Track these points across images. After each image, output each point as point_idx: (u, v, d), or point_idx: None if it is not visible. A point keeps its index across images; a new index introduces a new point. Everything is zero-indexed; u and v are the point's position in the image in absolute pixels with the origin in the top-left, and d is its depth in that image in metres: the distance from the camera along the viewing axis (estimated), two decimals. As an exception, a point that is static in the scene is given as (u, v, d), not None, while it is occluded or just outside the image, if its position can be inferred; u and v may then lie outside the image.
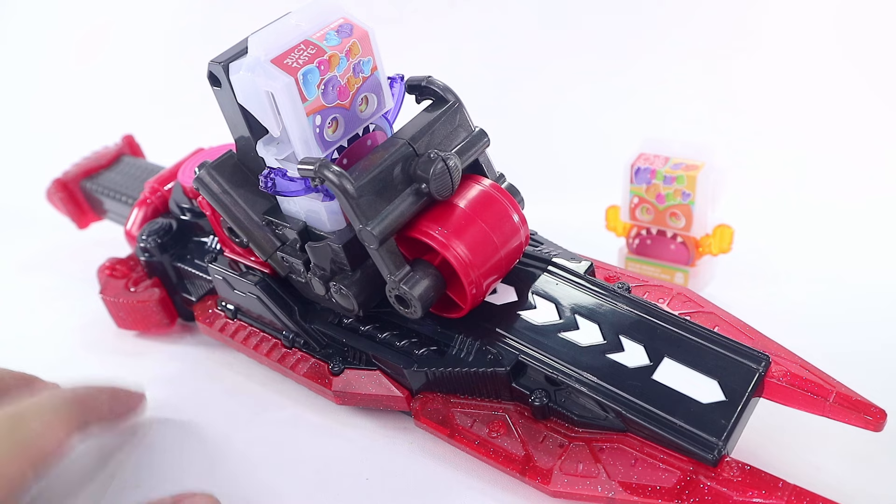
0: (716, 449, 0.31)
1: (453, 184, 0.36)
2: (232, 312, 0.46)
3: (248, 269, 0.43)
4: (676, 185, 0.46)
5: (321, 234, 0.38)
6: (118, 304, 0.49)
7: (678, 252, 0.48)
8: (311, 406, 0.43)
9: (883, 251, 0.51)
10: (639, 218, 0.49)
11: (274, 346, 0.44)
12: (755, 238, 0.50)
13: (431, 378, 0.38)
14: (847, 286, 0.48)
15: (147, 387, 0.42)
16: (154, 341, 0.51)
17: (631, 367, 0.35)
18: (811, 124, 0.64)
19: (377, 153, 0.36)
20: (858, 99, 0.65)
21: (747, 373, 0.34)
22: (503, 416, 0.36)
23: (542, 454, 0.35)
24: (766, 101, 0.68)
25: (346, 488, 0.38)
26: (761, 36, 0.71)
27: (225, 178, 0.38)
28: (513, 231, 0.37)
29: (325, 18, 0.35)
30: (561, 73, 0.74)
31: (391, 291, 0.36)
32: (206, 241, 0.49)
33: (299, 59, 0.33)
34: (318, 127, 0.35)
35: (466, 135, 0.38)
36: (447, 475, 0.38)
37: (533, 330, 0.37)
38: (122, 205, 0.56)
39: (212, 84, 0.35)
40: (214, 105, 0.37)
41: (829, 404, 0.33)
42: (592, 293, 0.38)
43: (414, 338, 0.39)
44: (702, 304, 0.39)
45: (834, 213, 0.55)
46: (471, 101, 0.40)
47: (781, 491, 0.30)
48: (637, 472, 0.32)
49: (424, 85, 0.39)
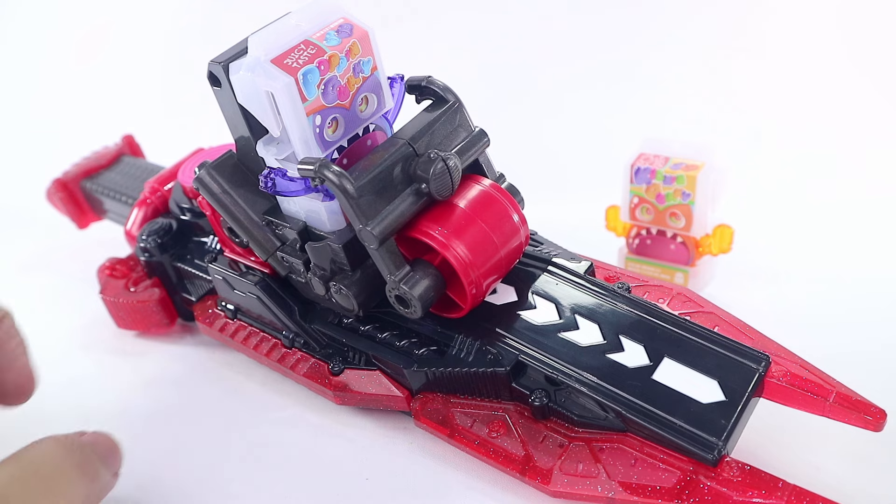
0: (716, 449, 0.31)
1: (453, 184, 0.36)
2: (232, 312, 0.46)
3: (248, 269, 0.43)
4: (676, 185, 0.46)
5: (321, 234, 0.38)
6: (118, 304, 0.49)
7: (678, 252, 0.48)
8: (311, 406, 0.43)
9: (883, 251, 0.51)
10: (639, 218, 0.49)
11: (274, 346, 0.44)
12: (755, 238, 0.50)
13: (431, 378, 0.38)
14: (847, 286, 0.48)
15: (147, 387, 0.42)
16: (154, 341, 0.51)
17: (631, 367, 0.35)
18: (811, 124, 0.64)
19: (377, 153, 0.36)
20: (859, 99, 0.65)
21: (747, 373, 0.34)
22: (503, 416, 0.36)
23: (542, 454, 0.35)
24: (766, 101, 0.68)
25: (346, 488, 0.38)
26: (762, 36, 0.71)
27: (225, 178, 0.38)
28: (513, 231, 0.37)
29: (325, 18, 0.35)
30: (561, 73, 0.74)
31: (391, 291, 0.36)
32: (206, 241, 0.49)
33: (299, 59, 0.33)
34: (318, 127, 0.35)
35: (466, 135, 0.38)
36: (447, 475, 0.38)
37: (533, 330, 0.37)
38: (122, 205, 0.56)
39: (212, 84, 0.35)
40: (214, 105, 0.37)
41: (829, 404, 0.33)
42: (592, 293, 0.38)
43: (414, 338, 0.39)
44: (702, 304, 0.39)
45: (834, 213, 0.55)
46: (471, 101, 0.40)
47: (781, 491, 0.30)
48: (637, 472, 0.32)
49: (424, 85, 0.39)
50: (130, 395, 0.46)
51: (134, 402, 0.45)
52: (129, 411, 0.45)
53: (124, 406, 0.45)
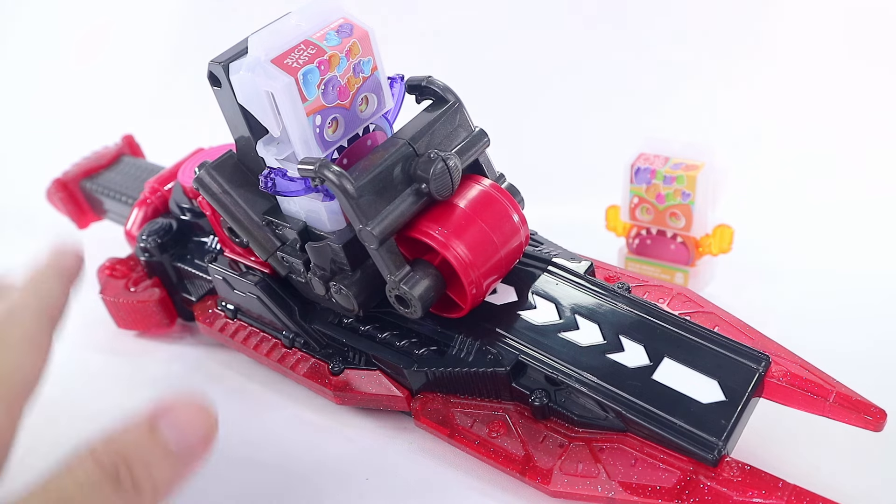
0: (716, 449, 0.31)
1: (453, 184, 0.36)
2: (232, 312, 0.46)
3: (248, 269, 0.43)
4: (676, 185, 0.46)
5: (321, 234, 0.38)
6: (118, 304, 0.49)
7: (678, 252, 0.48)
8: (311, 406, 0.43)
9: (883, 251, 0.51)
10: (639, 218, 0.49)
11: (274, 346, 0.44)
12: (755, 238, 0.50)
13: (431, 378, 0.38)
14: (847, 286, 0.48)
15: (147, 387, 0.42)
16: (154, 341, 0.51)
17: (631, 367, 0.35)
18: (811, 124, 0.64)
19: (377, 153, 0.36)
20: (859, 99, 0.65)
21: (747, 373, 0.34)
22: (503, 416, 0.36)
23: (542, 454, 0.35)
24: (766, 101, 0.67)
25: (346, 488, 0.38)
26: (762, 36, 0.71)
27: (225, 178, 0.38)
28: (513, 231, 0.37)
29: (326, 18, 0.35)
30: (561, 73, 0.74)
31: (391, 291, 0.36)
32: (206, 241, 0.49)
33: (299, 59, 0.33)
34: (318, 127, 0.35)
35: (466, 135, 0.38)
36: (447, 475, 0.38)
37: (533, 330, 0.37)
38: (122, 205, 0.56)
39: (212, 84, 0.35)
40: (214, 105, 0.37)
41: (829, 404, 0.33)
42: (592, 293, 0.38)
43: (414, 338, 0.39)
44: (702, 304, 0.39)
45: (834, 213, 0.55)
46: (471, 102, 0.40)
47: (781, 491, 0.30)
48: (637, 472, 0.32)
49: (424, 85, 0.39)
50: (130, 395, 0.46)
51: (134, 403, 0.45)
52: (129, 411, 0.44)
53: (124, 406, 0.45)
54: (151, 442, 0.26)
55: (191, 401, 0.27)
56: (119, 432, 0.27)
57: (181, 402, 0.27)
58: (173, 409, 0.27)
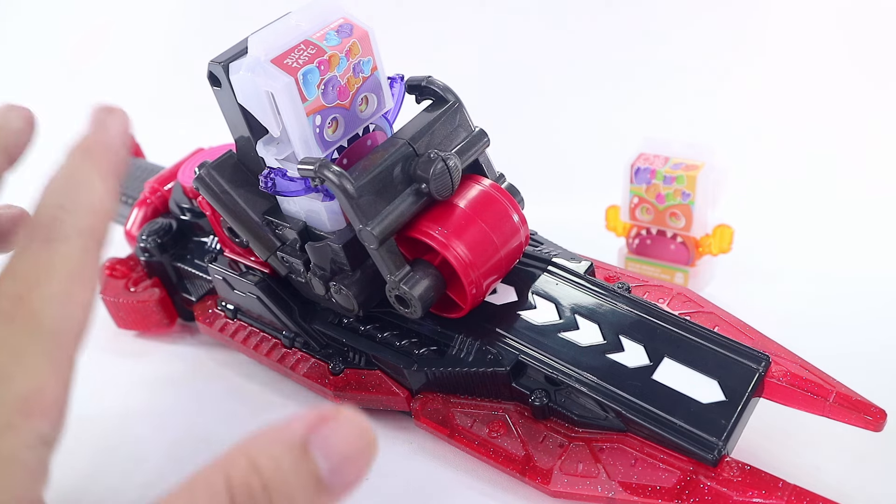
0: (716, 449, 0.31)
1: (453, 184, 0.36)
2: (232, 312, 0.46)
3: (248, 269, 0.43)
4: (676, 185, 0.46)
5: (321, 234, 0.38)
6: (118, 304, 0.49)
7: (678, 252, 0.48)
8: (311, 406, 0.43)
9: (883, 251, 0.51)
10: (639, 218, 0.49)
11: (274, 346, 0.44)
12: (755, 238, 0.50)
13: (431, 378, 0.38)
14: (847, 286, 0.48)
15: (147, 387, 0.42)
16: (154, 341, 0.51)
17: (631, 367, 0.35)
18: (811, 124, 0.64)
19: (377, 153, 0.36)
20: (859, 99, 0.65)
21: (747, 373, 0.34)
22: (503, 416, 0.36)
23: (542, 454, 0.35)
24: (766, 101, 0.67)
25: (346, 488, 0.38)
26: (762, 37, 0.71)
27: (225, 178, 0.38)
28: (513, 231, 0.37)
29: (325, 18, 0.35)
30: (561, 73, 0.74)
31: (391, 291, 0.36)
32: (206, 241, 0.49)
33: (299, 59, 0.33)
34: (318, 127, 0.35)
35: (466, 135, 0.38)
36: (447, 475, 0.38)
37: (533, 330, 0.37)
38: (122, 205, 0.56)
39: (212, 84, 0.35)
40: (214, 105, 0.37)
41: (829, 404, 0.33)
42: (592, 293, 0.38)
43: (414, 338, 0.39)
44: (702, 304, 0.39)
45: (834, 213, 0.55)
46: (471, 102, 0.40)
47: (781, 491, 0.30)
48: (637, 472, 0.32)
49: (424, 85, 0.39)
50: (130, 395, 0.46)
51: (134, 402, 0.45)
52: (129, 411, 0.44)
53: (124, 406, 0.45)
54: (300, 469, 0.21)
55: (350, 419, 0.22)
56: (263, 446, 0.22)
57: (340, 420, 0.22)
58: (330, 427, 0.22)
